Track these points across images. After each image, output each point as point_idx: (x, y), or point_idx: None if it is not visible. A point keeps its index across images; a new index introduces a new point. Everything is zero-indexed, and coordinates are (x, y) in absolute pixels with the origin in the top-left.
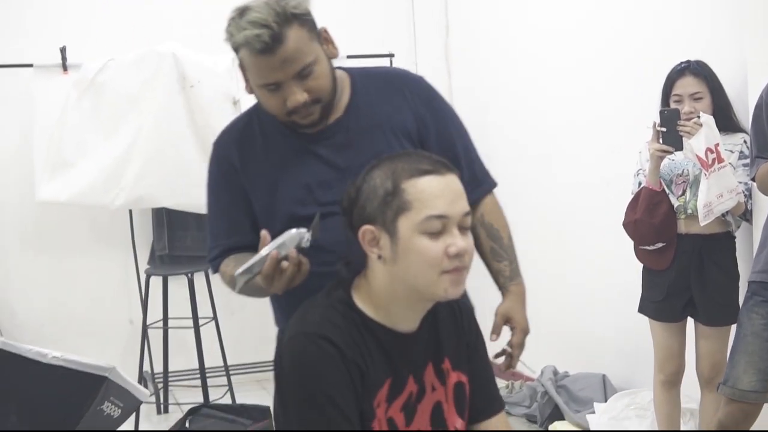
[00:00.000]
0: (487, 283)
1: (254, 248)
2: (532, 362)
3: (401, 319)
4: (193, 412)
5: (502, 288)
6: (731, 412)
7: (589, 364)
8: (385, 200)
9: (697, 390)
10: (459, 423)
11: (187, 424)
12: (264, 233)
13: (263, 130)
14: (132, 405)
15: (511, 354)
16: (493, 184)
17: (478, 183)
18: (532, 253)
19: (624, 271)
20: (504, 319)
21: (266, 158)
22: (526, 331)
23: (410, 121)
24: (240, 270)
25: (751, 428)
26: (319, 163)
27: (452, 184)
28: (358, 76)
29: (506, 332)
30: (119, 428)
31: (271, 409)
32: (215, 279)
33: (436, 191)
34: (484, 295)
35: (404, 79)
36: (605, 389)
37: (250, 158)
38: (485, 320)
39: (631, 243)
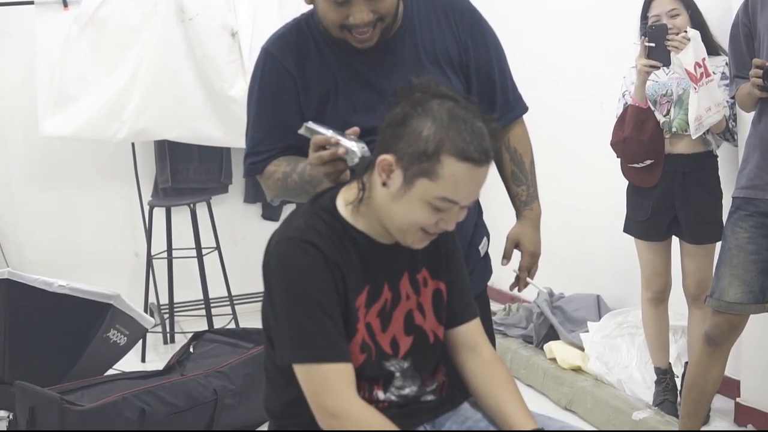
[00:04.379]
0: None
1: (302, 153)
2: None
3: (381, 234)
4: (196, 338)
5: (517, 211)
6: (718, 323)
7: (584, 285)
8: (420, 157)
9: (687, 308)
10: (438, 329)
11: (191, 349)
12: (356, 128)
13: (317, 43)
14: (138, 333)
15: (519, 276)
16: (524, 110)
17: (510, 108)
18: None
19: (616, 191)
20: (513, 243)
21: (320, 71)
22: (534, 255)
23: (453, 48)
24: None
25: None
26: (363, 85)
27: (482, 177)
28: None
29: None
30: (126, 356)
31: None
32: (219, 210)
33: (466, 181)
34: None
35: (451, 2)
36: (599, 309)
37: (306, 67)
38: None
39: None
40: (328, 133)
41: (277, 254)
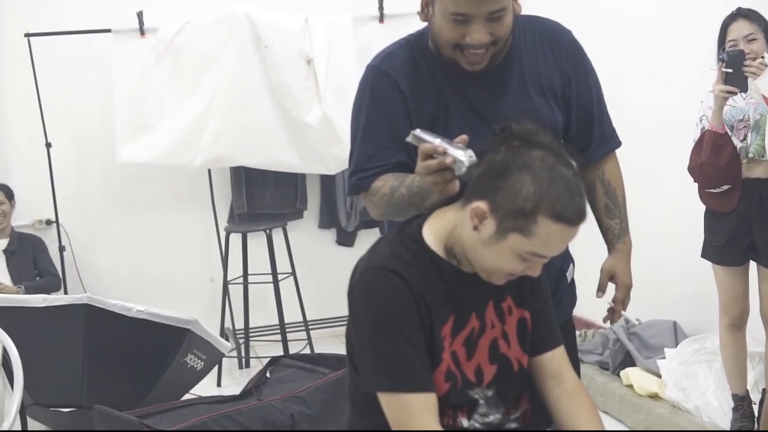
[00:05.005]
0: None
1: (412, 171)
2: (604, 310)
3: (466, 265)
4: (273, 363)
5: (610, 244)
6: None
7: (660, 312)
8: (516, 213)
9: (764, 334)
10: (523, 357)
11: (267, 374)
12: (464, 137)
13: (428, 63)
14: (214, 357)
15: (614, 309)
16: (618, 144)
17: (605, 141)
18: None
19: (693, 217)
20: (609, 275)
21: (432, 91)
22: (628, 287)
23: (557, 78)
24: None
25: None
26: (471, 110)
27: (575, 235)
28: (519, 25)
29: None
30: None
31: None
32: (294, 235)
33: (558, 240)
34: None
35: (555, 33)
36: (676, 335)
37: (417, 86)
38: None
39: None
40: (436, 141)
41: (362, 282)
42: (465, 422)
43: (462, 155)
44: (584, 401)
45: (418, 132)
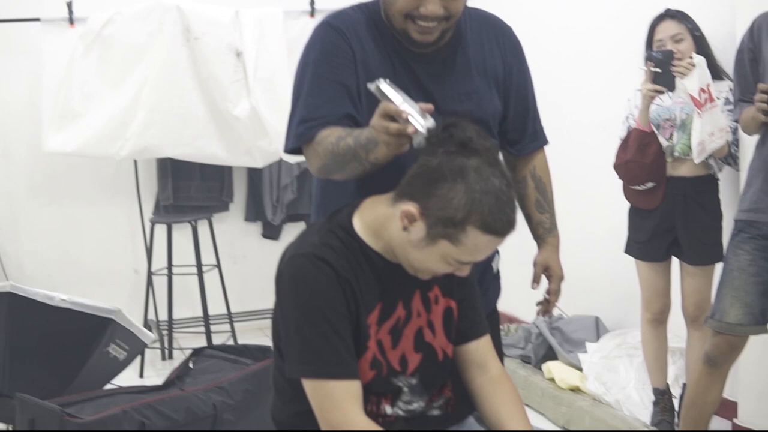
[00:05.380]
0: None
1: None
2: (527, 304)
3: (395, 257)
4: (196, 354)
5: (540, 239)
6: (718, 344)
7: (583, 307)
8: (446, 222)
9: (685, 330)
10: (448, 346)
11: (190, 365)
12: (430, 106)
13: (379, 31)
14: (137, 348)
15: (548, 300)
16: (547, 141)
17: (537, 137)
18: None
19: (617, 214)
20: (543, 268)
21: (381, 58)
22: (561, 279)
23: (500, 69)
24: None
25: (737, 361)
26: (418, 87)
27: (500, 243)
28: (466, 14)
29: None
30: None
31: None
32: (219, 228)
33: (485, 249)
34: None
35: (500, 27)
36: (598, 330)
37: (368, 50)
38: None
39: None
40: (399, 100)
41: (290, 269)
42: (389, 409)
43: (423, 127)
44: (508, 389)
45: (383, 84)
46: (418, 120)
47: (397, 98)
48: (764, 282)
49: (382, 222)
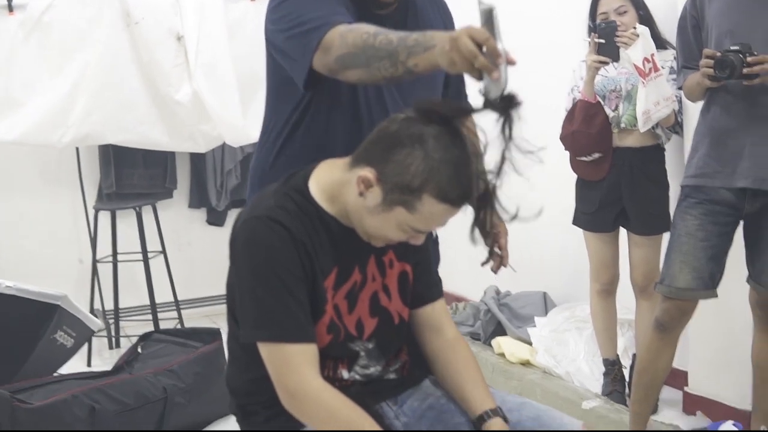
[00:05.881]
0: None
1: None
2: (475, 284)
3: (350, 221)
4: (144, 338)
5: None
6: (668, 309)
7: (531, 284)
8: (403, 188)
9: (633, 301)
10: (404, 310)
11: (139, 350)
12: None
13: None
14: (84, 335)
15: (502, 255)
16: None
17: (467, 102)
18: None
19: (563, 190)
20: (491, 225)
21: (344, 7)
22: (507, 234)
23: None
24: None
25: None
26: None
27: (455, 213)
28: None
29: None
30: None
31: (222, 326)
32: (164, 215)
33: (440, 218)
34: None
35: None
36: (546, 305)
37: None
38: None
39: (568, 162)
40: (499, 44)
41: (244, 232)
42: (345, 374)
43: (505, 82)
44: (464, 352)
45: (495, 12)
46: (504, 73)
47: (499, 36)
48: (712, 246)
49: (338, 187)
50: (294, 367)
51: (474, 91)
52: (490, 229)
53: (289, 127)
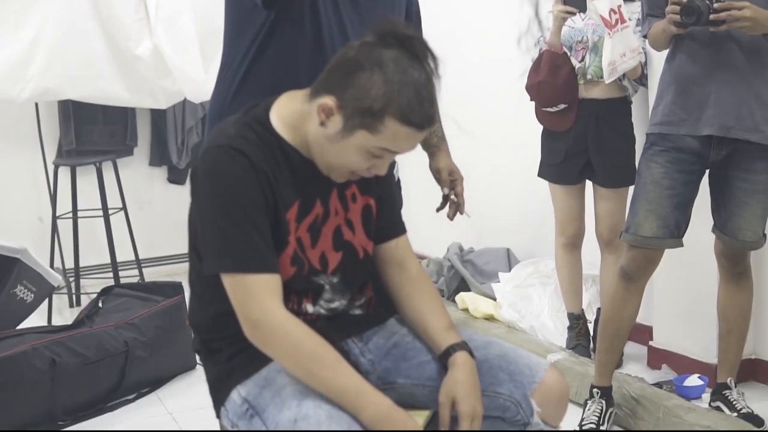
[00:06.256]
0: None
1: None
2: (438, 241)
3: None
4: (105, 293)
5: (435, 147)
6: (634, 257)
7: (494, 240)
8: (364, 112)
9: (599, 257)
10: (368, 244)
11: (99, 304)
12: None
13: None
14: (45, 290)
15: (458, 203)
16: None
17: None
18: None
19: (525, 146)
20: (448, 173)
21: None
22: (463, 180)
23: None
24: None
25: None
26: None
27: (422, 137)
28: None
29: None
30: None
31: (183, 282)
32: (124, 173)
33: (405, 142)
34: None
35: None
36: (509, 261)
37: None
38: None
39: (531, 119)
40: None
41: (204, 162)
42: (310, 308)
43: None
44: (428, 287)
45: None
46: None
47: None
48: (678, 195)
49: (299, 118)
50: (257, 297)
51: None
52: (446, 176)
53: (248, 60)
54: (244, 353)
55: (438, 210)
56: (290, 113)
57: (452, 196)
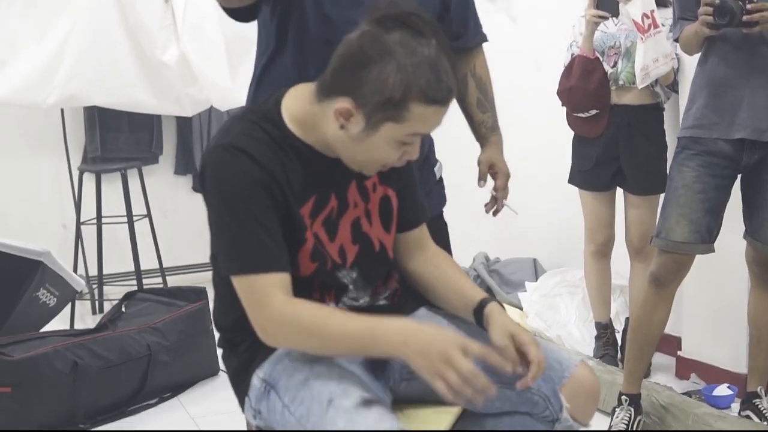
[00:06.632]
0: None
1: None
2: (464, 250)
3: (329, 150)
4: (128, 297)
5: (483, 138)
6: (664, 263)
7: (521, 250)
8: (385, 105)
9: (628, 267)
10: (385, 237)
11: (123, 309)
12: None
13: None
14: (67, 294)
15: (496, 197)
16: (487, 38)
17: (479, 31)
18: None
19: (553, 155)
20: (487, 166)
21: None
22: (508, 176)
23: None
24: None
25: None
26: None
27: (446, 111)
28: None
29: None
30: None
31: (207, 289)
32: (149, 181)
33: (434, 120)
34: None
35: None
36: (536, 271)
37: None
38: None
39: (561, 126)
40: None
41: (209, 162)
42: (333, 306)
43: None
44: (447, 260)
45: None
46: None
47: None
48: (710, 199)
49: (312, 120)
50: (262, 298)
51: None
52: (484, 169)
53: (266, 58)
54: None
55: (487, 209)
56: (302, 112)
57: (493, 192)
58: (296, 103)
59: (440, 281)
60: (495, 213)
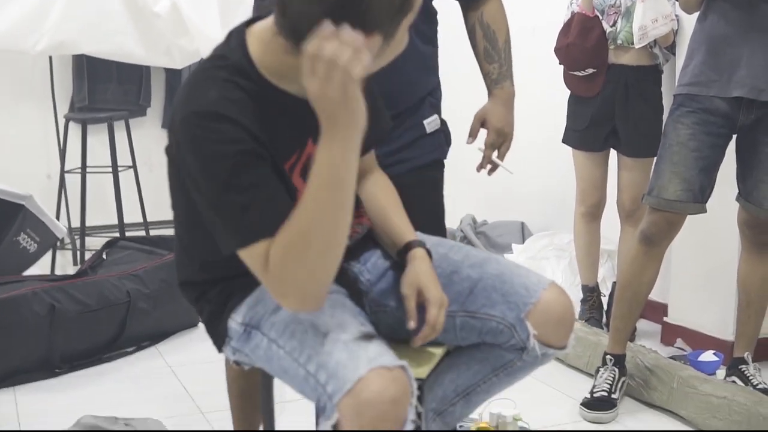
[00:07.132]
0: None
1: None
2: (451, 212)
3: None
4: (110, 245)
5: (488, 90)
6: (655, 221)
7: (509, 213)
8: (402, 8)
9: (617, 232)
10: None
11: (104, 256)
12: None
13: None
14: (48, 241)
15: (484, 154)
16: None
17: None
18: None
19: (543, 121)
20: (480, 120)
21: None
22: (501, 132)
23: None
24: None
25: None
26: None
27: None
28: None
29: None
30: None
31: None
32: (136, 133)
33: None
34: None
35: None
36: (523, 235)
37: None
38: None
39: (555, 93)
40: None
41: (186, 133)
42: None
43: None
44: (384, 183)
45: None
46: None
47: None
48: (704, 158)
49: (294, 72)
50: (262, 263)
51: None
52: (475, 124)
53: None
54: (234, 281)
55: (477, 168)
56: (280, 64)
57: (479, 148)
58: (268, 54)
59: (379, 210)
60: (489, 172)
